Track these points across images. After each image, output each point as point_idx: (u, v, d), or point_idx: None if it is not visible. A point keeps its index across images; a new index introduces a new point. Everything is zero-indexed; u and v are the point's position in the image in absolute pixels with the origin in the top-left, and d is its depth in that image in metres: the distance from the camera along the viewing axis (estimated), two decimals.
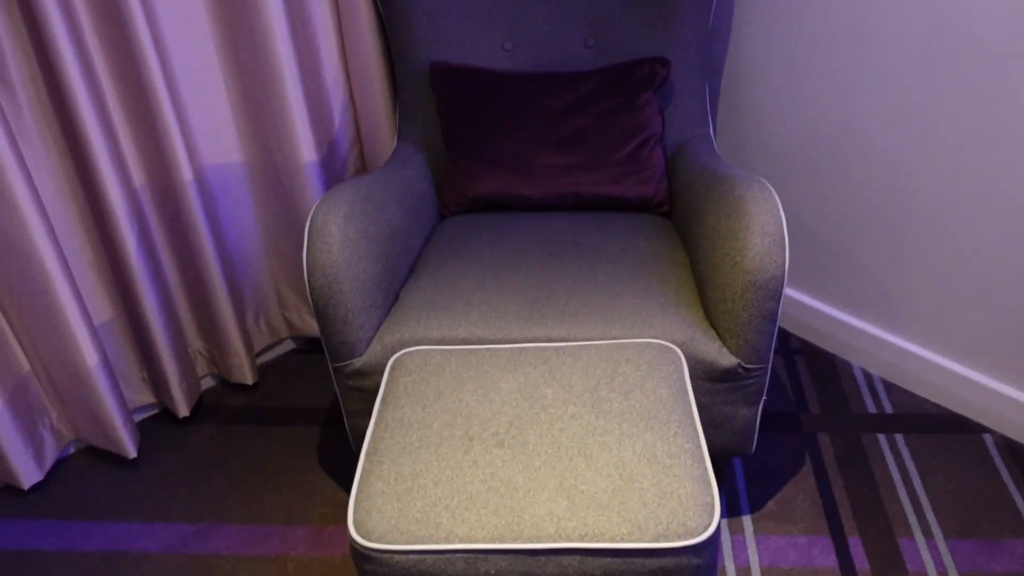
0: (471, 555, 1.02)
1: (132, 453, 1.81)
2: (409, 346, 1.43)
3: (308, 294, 1.45)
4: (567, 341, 1.40)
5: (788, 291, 2.11)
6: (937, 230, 1.75)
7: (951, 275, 1.76)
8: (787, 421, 1.84)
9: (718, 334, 1.42)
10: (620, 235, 1.67)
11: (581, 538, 1.02)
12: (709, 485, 1.09)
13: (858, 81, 1.77)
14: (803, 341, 2.11)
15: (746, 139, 2.06)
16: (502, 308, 1.45)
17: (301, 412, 1.97)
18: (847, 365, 2.02)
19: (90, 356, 1.67)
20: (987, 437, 1.77)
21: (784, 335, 2.14)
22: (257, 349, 2.11)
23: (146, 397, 1.95)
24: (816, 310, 2.06)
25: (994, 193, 1.63)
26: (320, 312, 1.43)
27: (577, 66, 1.88)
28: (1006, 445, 1.75)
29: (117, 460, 1.86)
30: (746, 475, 1.71)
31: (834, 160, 1.88)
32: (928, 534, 1.55)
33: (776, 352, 2.06)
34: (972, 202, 1.67)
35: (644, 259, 1.58)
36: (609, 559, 1.02)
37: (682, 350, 1.39)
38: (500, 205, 1.81)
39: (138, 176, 1.74)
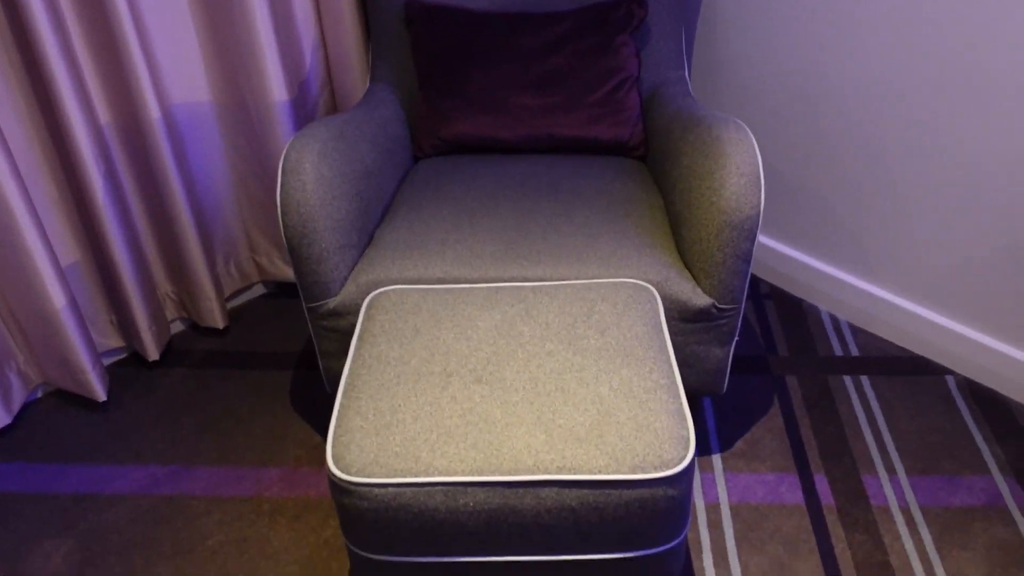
0: (450, 488, 1.03)
1: (102, 396, 1.79)
2: (384, 286, 1.42)
3: (282, 232, 1.43)
4: (544, 281, 1.40)
5: (759, 237, 2.13)
6: (903, 177, 1.77)
7: (916, 221, 1.79)
8: (756, 363, 1.87)
9: (692, 275, 1.43)
10: (595, 177, 1.66)
11: (559, 470, 1.03)
12: (684, 419, 1.11)
13: (831, 27, 1.77)
14: (772, 286, 2.14)
15: (720, 83, 2.06)
16: (478, 248, 1.45)
17: (272, 356, 1.96)
18: (815, 309, 2.05)
19: (57, 298, 1.65)
20: (949, 379, 1.82)
21: (754, 280, 2.16)
22: (227, 293, 2.09)
23: (115, 341, 1.92)
24: (785, 255, 2.08)
25: (959, 141, 1.65)
26: (294, 251, 1.41)
27: (553, 6, 1.85)
28: (968, 386, 1.80)
29: (86, 404, 1.84)
30: (716, 415, 1.74)
31: (806, 106, 1.89)
32: (891, 471, 1.59)
33: (747, 297, 2.08)
34: (938, 150, 1.69)
35: (619, 201, 1.58)
36: (586, 490, 1.04)
37: (657, 290, 1.40)
38: (475, 147, 1.79)
39: (104, 114, 1.70)
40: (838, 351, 1.91)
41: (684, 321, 1.44)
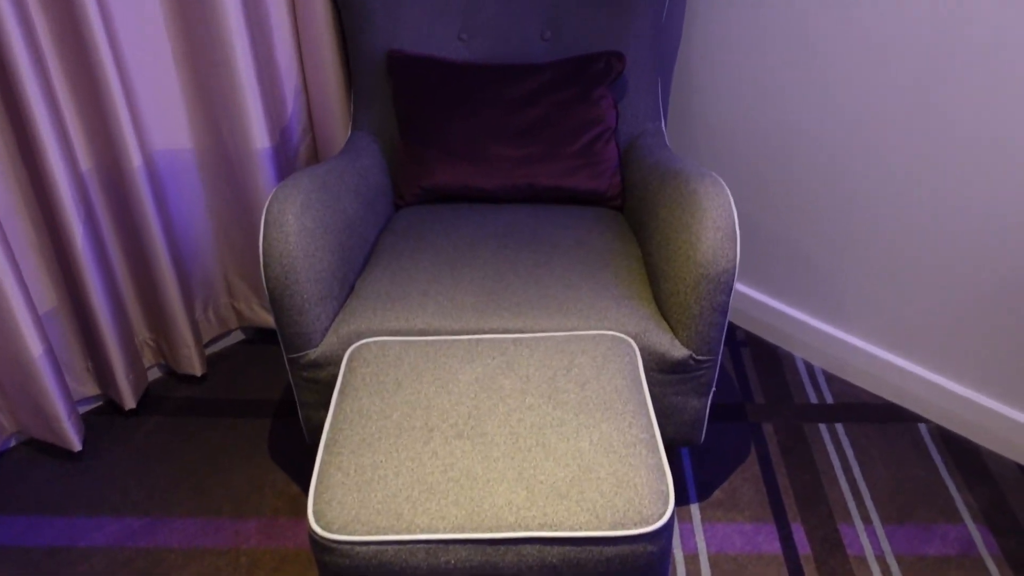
0: (432, 545, 1.04)
1: (77, 446, 1.77)
2: (366, 337, 1.43)
3: (264, 284, 1.43)
4: (524, 332, 1.41)
5: (735, 284, 2.16)
6: (875, 226, 1.81)
7: (887, 270, 1.83)
8: (733, 411, 1.89)
9: (670, 326, 1.46)
10: (574, 227, 1.69)
11: (540, 527, 1.04)
12: (663, 473, 1.12)
13: (803, 80, 1.82)
14: (748, 333, 2.17)
15: (696, 134, 2.10)
16: (459, 299, 1.46)
17: (251, 404, 1.95)
18: (790, 356, 2.08)
19: (34, 346, 1.63)
20: (922, 426, 1.85)
21: (730, 327, 2.19)
22: (206, 340, 2.08)
23: (91, 388, 1.91)
24: (760, 303, 2.11)
25: (930, 191, 1.69)
26: (276, 302, 1.41)
27: (533, 58, 1.89)
28: (940, 434, 1.82)
29: (61, 453, 1.82)
30: (694, 464, 1.75)
31: (780, 155, 1.93)
32: (867, 520, 1.61)
33: (723, 344, 2.10)
34: (908, 199, 1.73)
35: (598, 251, 1.60)
36: (567, 547, 1.04)
37: (636, 341, 1.42)
38: (455, 196, 1.81)
39: (85, 160, 1.70)
40: (813, 398, 1.93)
41: (662, 372, 1.45)
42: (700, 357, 1.44)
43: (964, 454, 1.77)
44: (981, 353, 1.75)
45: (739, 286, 2.16)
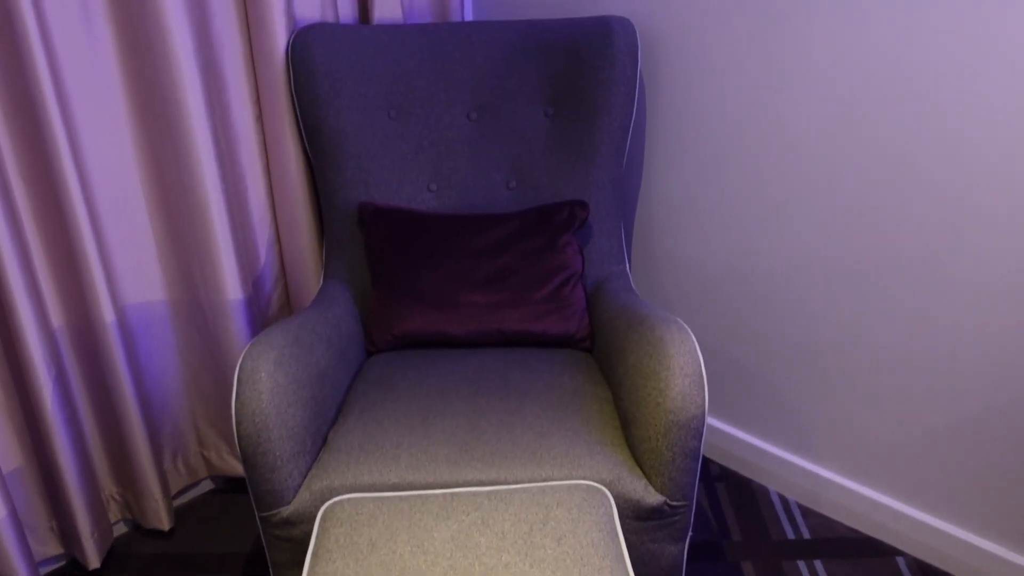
0: None
1: None
2: (339, 493, 1.41)
3: (236, 442, 1.43)
4: (498, 484, 1.41)
5: (707, 418, 2.18)
6: (843, 358, 1.86)
7: (853, 401, 1.87)
8: (711, 550, 1.88)
9: (644, 472, 1.46)
10: (545, 371, 1.71)
11: None
12: None
13: (758, 213, 1.90)
14: (722, 467, 2.17)
15: (660, 272, 2.17)
16: (432, 451, 1.47)
17: (220, 559, 1.90)
18: (765, 490, 2.08)
19: None
20: (900, 560, 1.84)
21: (704, 461, 2.20)
22: (175, 490, 2.04)
23: (54, 548, 1.85)
24: (733, 436, 2.13)
25: (890, 322, 1.75)
26: (248, 460, 1.41)
27: (499, 207, 1.97)
28: (918, 567, 1.82)
29: None
30: None
31: (741, 290, 2.00)
32: None
33: (698, 480, 2.10)
34: (874, 332, 1.79)
35: (569, 396, 1.62)
36: None
37: (610, 489, 1.42)
38: (427, 342, 1.84)
39: (57, 317, 1.71)
40: (790, 534, 1.92)
41: (638, 520, 1.45)
42: (674, 503, 1.45)
43: None
44: (954, 484, 1.77)
45: (710, 420, 2.19)
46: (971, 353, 1.65)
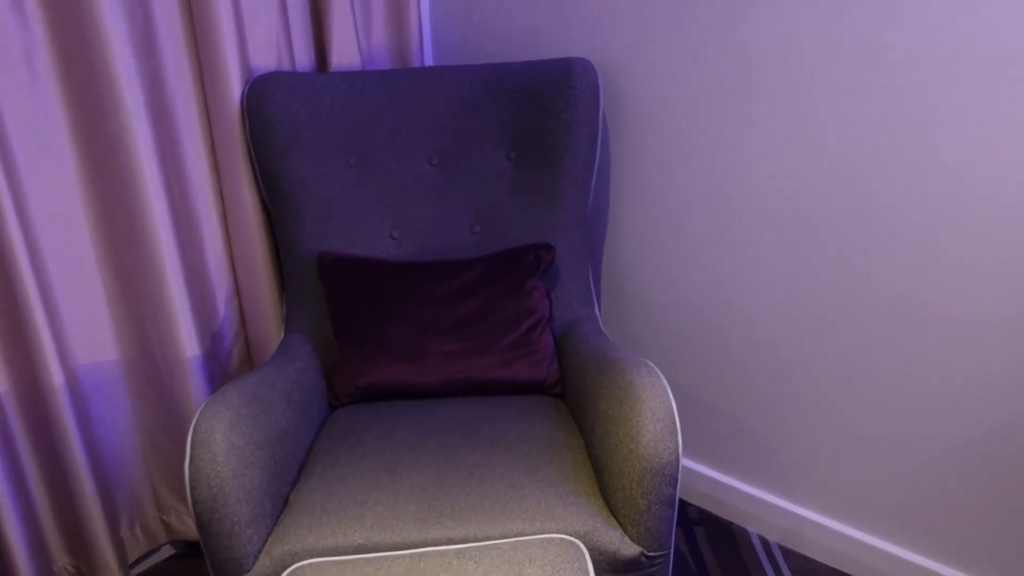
0: None
1: None
2: (301, 557, 1.35)
3: (191, 507, 1.36)
4: (468, 541, 1.35)
5: (683, 461, 2.13)
6: (816, 397, 1.83)
7: (836, 439, 1.83)
8: None
9: (619, 522, 1.41)
10: (515, 420, 1.66)
11: None
12: None
13: (726, 253, 1.88)
14: (701, 510, 2.12)
15: (631, 313, 2.14)
16: (399, 509, 1.40)
17: None
18: (745, 532, 2.03)
19: None
20: None
21: (682, 505, 2.14)
22: (133, 558, 1.95)
23: None
24: (711, 478, 2.09)
25: (861, 357, 1.73)
26: (204, 527, 1.34)
27: (464, 252, 1.93)
28: None
29: None
30: None
31: (715, 332, 1.97)
32: None
33: (676, 525, 2.05)
34: (844, 367, 1.76)
35: (540, 445, 1.57)
36: None
37: (584, 542, 1.36)
38: (392, 394, 1.78)
39: (2, 382, 1.63)
40: None
41: (614, 572, 1.40)
42: (652, 552, 1.39)
43: None
44: (937, 520, 1.73)
45: (687, 462, 2.14)
46: (947, 388, 1.63)
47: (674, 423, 1.38)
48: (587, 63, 1.90)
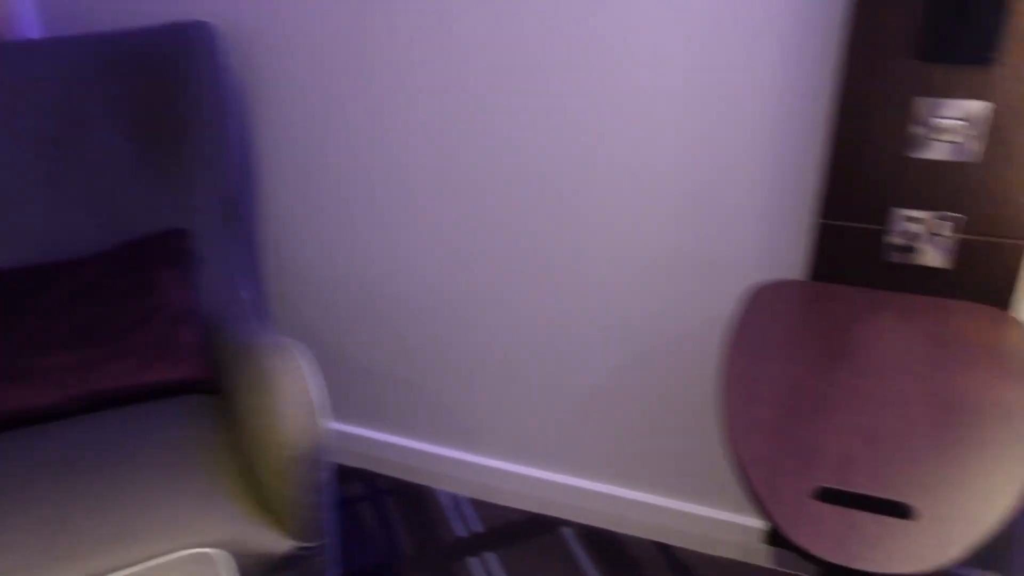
0: None
1: None
2: None
3: None
4: None
5: (366, 431, 2.09)
6: (474, 349, 1.86)
7: (500, 387, 1.87)
8: (379, 574, 1.79)
9: (274, 519, 1.33)
10: (156, 429, 1.51)
11: None
12: None
13: (386, 222, 1.84)
14: (393, 479, 2.09)
15: (296, 291, 2.04)
16: (5, 560, 1.22)
17: None
18: (434, 493, 2.04)
19: None
20: (567, 531, 1.89)
21: (371, 477, 2.10)
22: None
23: None
24: (396, 445, 2.06)
25: (521, 314, 1.77)
26: None
27: (87, 248, 1.71)
28: (584, 534, 1.87)
29: None
30: None
31: (373, 298, 1.93)
32: None
33: (364, 499, 2.01)
34: (510, 325, 1.80)
35: (183, 453, 1.44)
36: None
37: (230, 549, 1.27)
38: (3, 424, 1.55)
39: None
40: (461, 532, 1.90)
41: (274, 572, 1.32)
42: (308, 544, 1.33)
43: (606, 546, 1.83)
44: (599, 446, 1.83)
45: (370, 432, 2.09)
46: (589, 327, 1.71)
47: (313, 406, 1.31)
48: (207, 26, 1.74)
